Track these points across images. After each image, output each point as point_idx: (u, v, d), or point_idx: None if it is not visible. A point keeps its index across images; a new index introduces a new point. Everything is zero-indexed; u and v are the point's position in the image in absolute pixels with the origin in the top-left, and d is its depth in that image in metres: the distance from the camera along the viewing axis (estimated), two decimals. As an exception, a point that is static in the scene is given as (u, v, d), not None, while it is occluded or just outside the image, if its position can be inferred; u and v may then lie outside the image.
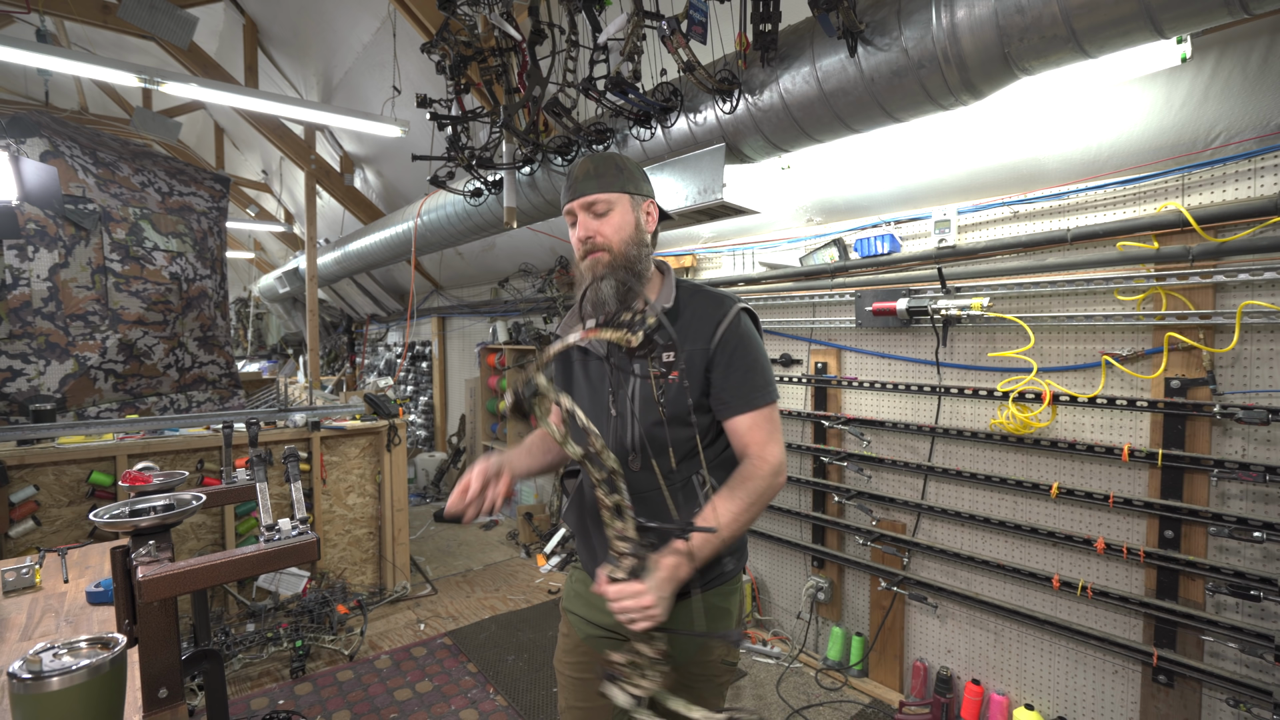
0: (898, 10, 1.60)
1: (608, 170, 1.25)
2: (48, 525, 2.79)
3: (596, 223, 1.24)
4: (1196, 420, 1.90)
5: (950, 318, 2.35)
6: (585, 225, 1.24)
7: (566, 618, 1.41)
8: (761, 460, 1.18)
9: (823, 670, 2.90)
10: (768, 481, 1.17)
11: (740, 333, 1.25)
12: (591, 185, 1.23)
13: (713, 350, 1.23)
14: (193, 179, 4.15)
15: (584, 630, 1.36)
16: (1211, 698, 1.90)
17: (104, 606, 1.56)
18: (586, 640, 1.35)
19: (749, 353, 1.24)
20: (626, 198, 1.26)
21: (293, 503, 1.52)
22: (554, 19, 2.55)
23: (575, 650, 1.37)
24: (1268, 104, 1.68)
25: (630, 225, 1.25)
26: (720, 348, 1.23)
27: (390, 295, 7.52)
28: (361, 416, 3.70)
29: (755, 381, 1.22)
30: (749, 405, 1.20)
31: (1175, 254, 1.88)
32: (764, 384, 1.23)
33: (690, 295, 1.30)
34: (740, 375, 1.22)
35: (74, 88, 6.53)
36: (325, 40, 4.64)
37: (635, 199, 1.27)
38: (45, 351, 3.43)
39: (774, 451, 1.20)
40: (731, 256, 3.39)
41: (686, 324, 1.26)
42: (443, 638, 3.27)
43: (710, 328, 1.24)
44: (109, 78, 2.76)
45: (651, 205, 1.31)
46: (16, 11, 3.72)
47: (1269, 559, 1.79)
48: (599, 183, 1.24)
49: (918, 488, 2.62)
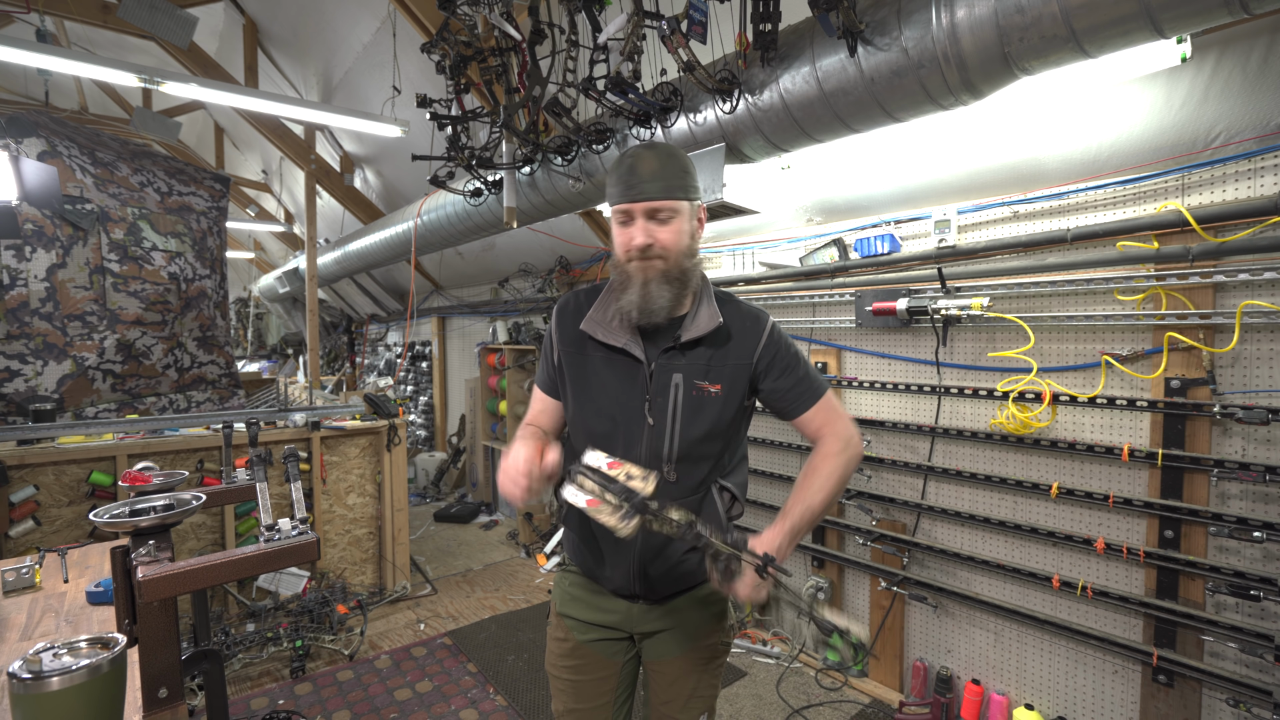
0: (898, 10, 1.60)
1: (674, 173, 1.18)
2: (48, 525, 2.79)
3: (658, 229, 1.18)
4: (1196, 420, 1.90)
5: (950, 318, 2.35)
6: (646, 231, 1.17)
7: (561, 622, 1.40)
8: (834, 438, 1.23)
9: (823, 670, 2.90)
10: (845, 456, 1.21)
11: (783, 342, 1.28)
12: (657, 189, 1.16)
13: (755, 363, 1.25)
14: (192, 179, 4.15)
15: (583, 633, 1.36)
16: (1211, 697, 1.90)
17: (104, 606, 1.56)
18: (586, 643, 1.36)
19: (796, 356, 1.29)
20: (688, 205, 1.21)
21: (293, 503, 1.51)
22: (554, 19, 2.54)
23: (573, 654, 1.37)
24: (1268, 104, 1.68)
25: (688, 234, 1.21)
26: (765, 359, 1.25)
27: (390, 295, 7.52)
28: (361, 416, 3.70)
29: (811, 376, 1.28)
30: (814, 398, 1.26)
31: (1175, 254, 1.88)
32: (817, 377, 1.29)
33: (725, 306, 1.28)
34: (796, 377, 1.26)
35: (74, 88, 6.52)
36: (325, 40, 4.64)
37: (693, 206, 1.23)
38: (43, 352, 3.43)
39: (842, 427, 1.25)
40: (731, 256, 3.39)
41: (733, 339, 1.25)
42: (443, 638, 3.27)
43: (752, 343, 1.25)
44: (109, 78, 2.76)
45: (703, 209, 1.28)
46: (16, 11, 3.72)
47: (1269, 559, 1.79)
48: (665, 186, 1.16)
49: (918, 488, 2.62)
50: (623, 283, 1.22)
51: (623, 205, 1.18)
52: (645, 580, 1.29)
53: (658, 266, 1.18)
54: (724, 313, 1.25)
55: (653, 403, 1.22)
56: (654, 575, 1.29)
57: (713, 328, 1.22)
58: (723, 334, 1.24)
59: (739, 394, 1.25)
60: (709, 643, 1.37)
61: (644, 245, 1.17)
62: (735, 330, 1.26)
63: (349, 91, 4.86)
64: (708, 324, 1.22)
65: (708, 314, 1.24)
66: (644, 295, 1.18)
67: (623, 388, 1.25)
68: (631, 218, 1.18)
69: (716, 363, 1.23)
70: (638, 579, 1.29)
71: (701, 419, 1.22)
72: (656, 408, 1.23)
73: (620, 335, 1.24)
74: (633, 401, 1.24)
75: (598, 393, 1.27)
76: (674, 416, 1.22)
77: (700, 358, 1.23)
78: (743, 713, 2.63)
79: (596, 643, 1.36)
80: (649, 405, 1.23)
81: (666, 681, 1.36)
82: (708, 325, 1.22)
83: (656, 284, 1.18)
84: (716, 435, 1.24)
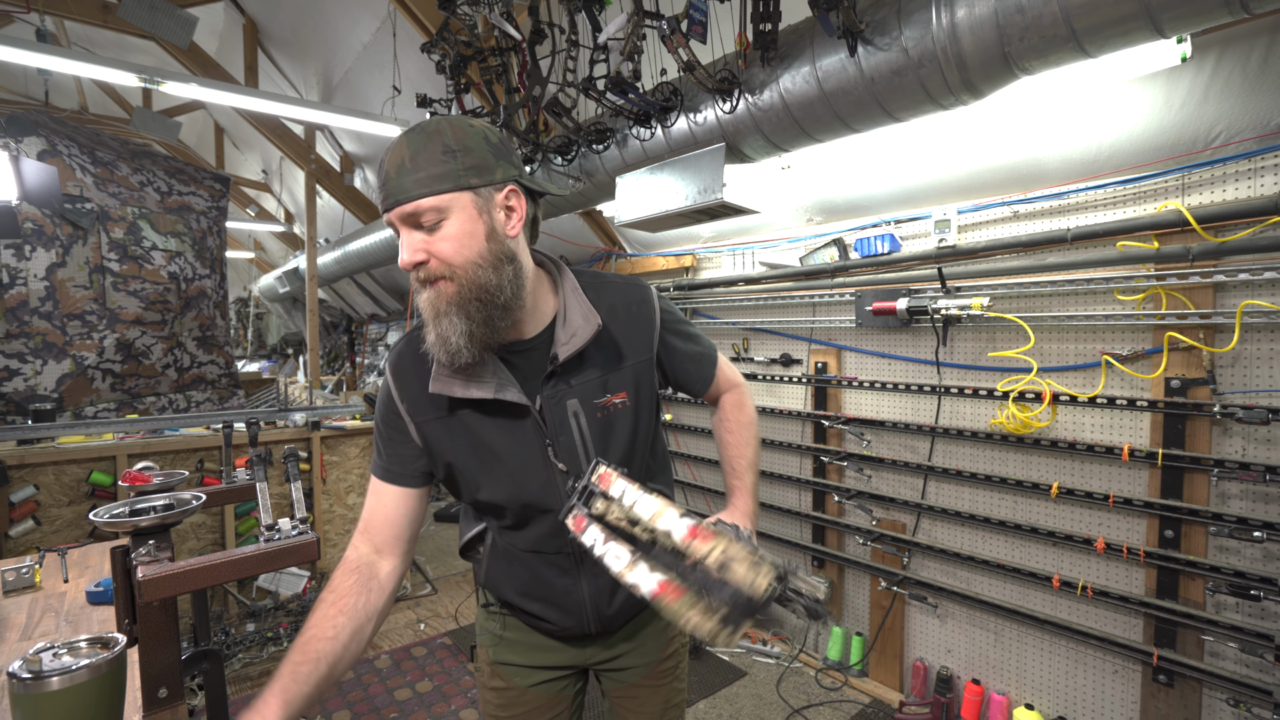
0: (898, 10, 1.60)
1: (433, 158, 0.85)
2: (48, 525, 2.79)
3: (425, 240, 0.87)
4: (1196, 420, 1.90)
5: (950, 317, 2.35)
6: (409, 245, 0.87)
7: (497, 671, 1.18)
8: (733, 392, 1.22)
9: (823, 670, 2.90)
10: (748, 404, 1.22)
11: (674, 315, 1.13)
12: (409, 183, 0.85)
13: (655, 351, 1.09)
14: (192, 178, 4.15)
15: (527, 679, 1.17)
16: (1211, 697, 1.90)
17: (104, 606, 1.56)
18: (531, 687, 1.17)
19: (688, 325, 1.18)
20: (467, 196, 0.87)
21: (293, 502, 1.51)
22: (554, 19, 2.54)
23: (517, 702, 1.17)
24: (1268, 104, 1.68)
25: (478, 236, 0.88)
26: (666, 343, 1.11)
27: (390, 295, 7.52)
28: (361, 416, 3.70)
29: (704, 343, 1.19)
30: (714, 364, 1.19)
31: (1175, 254, 1.87)
32: (708, 345, 1.20)
33: (600, 293, 1.04)
34: (698, 350, 1.17)
35: (74, 87, 6.52)
36: (325, 40, 4.64)
37: (482, 194, 0.88)
38: (42, 351, 3.43)
39: (737, 377, 1.24)
40: (731, 256, 3.39)
41: (622, 334, 1.05)
42: (443, 637, 3.27)
43: (647, 330, 1.08)
44: (109, 78, 2.76)
45: (513, 193, 0.92)
46: (16, 11, 3.72)
47: (1269, 559, 1.79)
48: (417, 179, 0.84)
49: (918, 487, 2.62)
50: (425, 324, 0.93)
51: (385, 215, 0.89)
52: (602, 620, 1.12)
53: (446, 292, 0.88)
54: (601, 303, 1.02)
55: (556, 445, 1.00)
56: (612, 613, 1.12)
57: (593, 332, 0.98)
58: (608, 334, 1.02)
59: (649, 393, 1.08)
60: (670, 651, 1.24)
61: (414, 263, 0.87)
62: (623, 321, 1.05)
63: (349, 91, 4.86)
64: (586, 329, 0.98)
65: (580, 314, 0.99)
66: (440, 337, 0.89)
67: (514, 442, 0.99)
68: (397, 229, 0.89)
69: (611, 370, 1.03)
70: (593, 621, 1.11)
71: (616, 439, 1.03)
72: (563, 448, 1.00)
73: (485, 381, 0.95)
74: (532, 454, 1.00)
75: (487, 459, 1.00)
76: (584, 450, 1.01)
77: (591, 371, 1.01)
78: (743, 713, 2.63)
79: (544, 684, 1.17)
80: (553, 450, 1.00)
81: (635, 705, 1.22)
82: (586, 331, 0.98)
83: (452, 318, 0.88)
84: (638, 447, 1.08)
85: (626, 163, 2.54)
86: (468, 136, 0.88)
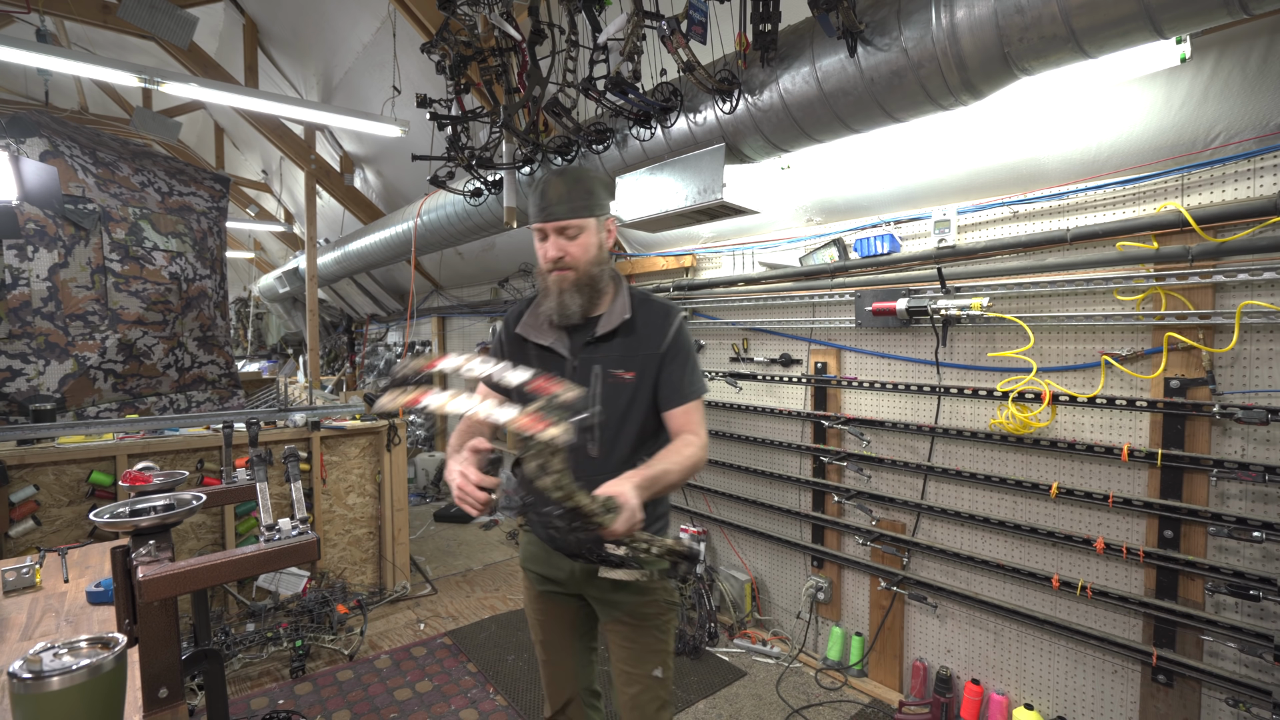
0: (897, 10, 1.60)
1: (578, 195, 1.39)
2: (48, 525, 2.79)
3: (566, 244, 1.40)
4: (1196, 420, 1.90)
5: (950, 318, 2.35)
6: (557, 245, 1.40)
7: (525, 575, 1.62)
8: (695, 436, 1.42)
9: (822, 670, 2.90)
10: (699, 453, 1.39)
11: (685, 339, 1.48)
12: (564, 210, 1.38)
13: (662, 353, 1.44)
14: (192, 179, 4.15)
15: (540, 585, 1.58)
16: (1211, 697, 1.90)
17: (104, 606, 1.56)
18: (543, 594, 1.58)
19: (690, 356, 1.48)
20: (594, 221, 1.41)
21: (293, 502, 1.52)
22: (554, 19, 2.54)
23: (537, 600, 1.60)
24: (1267, 104, 1.68)
25: (595, 246, 1.42)
26: (670, 350, 1.44)
27: (390, 295, 7.53)
28: (361, 416, 3.70)
29: (691, 378, 1.46)
30: (685, 398, 1.44)
31: (1175, 254, 1.88)
32: (697, 380, 1.47)
33: (640, 304, 1.48)
34: (679, 374, 1.44)
35: (74, 88, 6.53)
36: (325, 40, 4.65)
37: (600, 220, 1.43)
38: (45, 351, 3.43)
39: (703, 433, 1.45)
40: (731, 256, 3.39)
41: (642, 332, 1.45)
42: (443, 637, 3.27)
43: (661, 335, 1.45)
44: (109, 78, 2.76)
45: (612, 222, 1.49)
46: (16, 11, 3.72)
47: (1268, 559, 1.79)
48: (570, 208, 1.38)
49: (917, 488, 2.62)
50: (544, 292, 1.45)
51: (537, 224, 1.40)
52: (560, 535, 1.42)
53: (569, 277, 1.41)
54: (639, 309, 1.47)
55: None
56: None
57: (622, 320, 1.44)
58: (634, 326, 1.45)
59: (649, 381, 1.44)
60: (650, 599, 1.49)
61: (555, 257, 1.40)
62: (647, 323, 1.46)
63: (349, 91, 4.86)
64: (618, 318, 1.44)
65: (619, 309, 1.45)
66: (559, 302, 1.42)
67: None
68: (546, 235, 1.40)
69: (630, 353, 1.44)
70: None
71: (618, 403, 1.42)
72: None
73: (548, 335, 1.48)
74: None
75: None
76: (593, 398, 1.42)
77: (616, 349, 1.44)
78: (743, 713, 2.63)
79: (551, 594, 1.57)
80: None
81: (619, 640, 1.52)
82: (618, 319, 1.44)
83: (569, 293, 1.41)
84: (632, 414, 1.43)
85: (626, 163, 2.54)
86: (596, 183, 1.43)
